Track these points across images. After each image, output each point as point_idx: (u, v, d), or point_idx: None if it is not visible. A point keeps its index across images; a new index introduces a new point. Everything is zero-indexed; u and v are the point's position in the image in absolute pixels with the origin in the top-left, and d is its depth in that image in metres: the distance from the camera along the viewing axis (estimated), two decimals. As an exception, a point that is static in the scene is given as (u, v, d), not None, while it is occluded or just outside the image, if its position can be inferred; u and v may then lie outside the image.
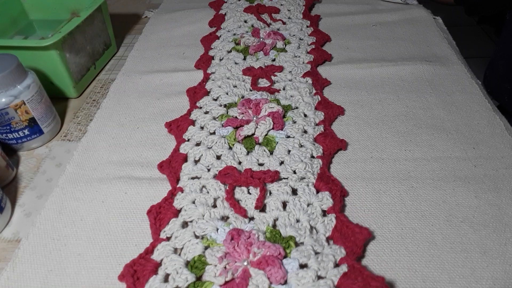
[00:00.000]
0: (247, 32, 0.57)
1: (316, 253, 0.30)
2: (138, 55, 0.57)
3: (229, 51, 0.54)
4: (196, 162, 0.38)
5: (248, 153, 0.39)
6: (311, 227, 0.32)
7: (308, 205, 0.33)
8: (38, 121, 0.42)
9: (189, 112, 0.44)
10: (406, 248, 0.32)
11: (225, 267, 0.28)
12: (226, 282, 0.28)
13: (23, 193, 0.39)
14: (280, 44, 0.55)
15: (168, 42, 0.60)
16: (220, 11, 0.65)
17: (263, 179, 0.35)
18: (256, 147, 0.39)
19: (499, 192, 0.35)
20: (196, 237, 0.31)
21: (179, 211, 0.34)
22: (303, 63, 0.51)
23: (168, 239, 0.32)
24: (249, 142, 0.39)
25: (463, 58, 0.54)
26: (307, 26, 0.59)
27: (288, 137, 0.40)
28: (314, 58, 0.52)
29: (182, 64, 0.55)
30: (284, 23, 0.60)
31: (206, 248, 0.30)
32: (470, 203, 0.35)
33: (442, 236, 0.32)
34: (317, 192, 0.35)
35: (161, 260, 0.30)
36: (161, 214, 0.33)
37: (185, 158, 0.39)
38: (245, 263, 0.29)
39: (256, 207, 0.33)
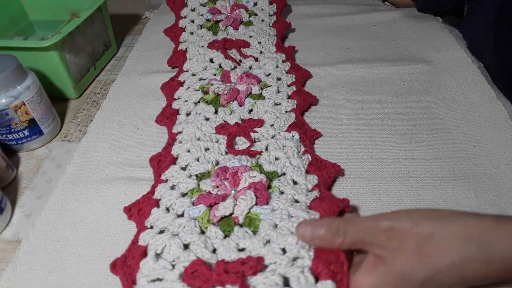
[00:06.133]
0: (215, 75, 0.48)
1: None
2: (138, 55, 0.57)
3: (197, 103, 0.45)
4: (157, 256, 0.30)
5: (225, 236, 0.31)
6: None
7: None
8: (38, 122, 0.42)
9: (152, 189, 0.35)
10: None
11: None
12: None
13: (23, 194, 0.39)
14: (256, 89, 0.46)
15: (168, 42, 0.60)
16: (179, 45, 0.56)
17: (242, 273, 0.27)
18: (236, 228, 0.32)
19: (499, 191, 0.35)
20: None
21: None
22: (286, 111, 0.43)
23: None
24: (227, 223, 0.32)
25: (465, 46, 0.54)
26: (283, 61, 0.51)
27: (274, 210, 0.33)
28: (298, 104, 0.44)
29: (182, 65, 0.55)
30: (256, 59, 0.51)
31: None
32: (470, 202, 0.35)
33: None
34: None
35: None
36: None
37: (144, 252, 0.30)
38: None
39: None
